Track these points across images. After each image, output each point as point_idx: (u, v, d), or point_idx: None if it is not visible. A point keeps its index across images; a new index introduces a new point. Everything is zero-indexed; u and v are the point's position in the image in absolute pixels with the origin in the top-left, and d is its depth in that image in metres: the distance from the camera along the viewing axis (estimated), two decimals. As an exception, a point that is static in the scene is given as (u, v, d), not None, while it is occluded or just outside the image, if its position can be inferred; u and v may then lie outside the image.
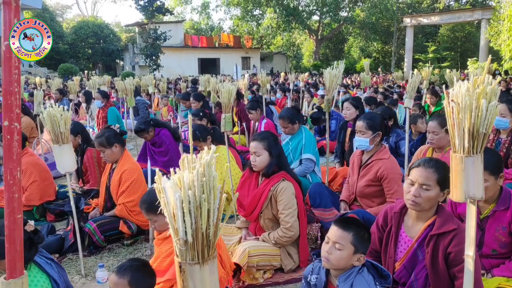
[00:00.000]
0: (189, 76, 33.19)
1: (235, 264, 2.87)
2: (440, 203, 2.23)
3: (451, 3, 43.13)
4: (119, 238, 3.74)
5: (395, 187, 3.31)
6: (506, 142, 4.19)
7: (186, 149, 6.20)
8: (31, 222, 2.23)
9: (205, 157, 1.25)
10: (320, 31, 42.08)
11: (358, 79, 25.30)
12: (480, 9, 30.47)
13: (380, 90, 14.06)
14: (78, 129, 4.55)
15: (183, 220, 1.23)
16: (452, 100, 1.63)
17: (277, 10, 39.03)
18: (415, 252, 2.23)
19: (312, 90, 14.08)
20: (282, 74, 31.08)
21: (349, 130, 4.97)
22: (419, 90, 11.50)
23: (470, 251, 1.79)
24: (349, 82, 24.35)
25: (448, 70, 25.93)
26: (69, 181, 3.14)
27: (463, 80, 1.66)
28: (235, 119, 7.21)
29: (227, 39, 42.92)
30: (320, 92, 14.11)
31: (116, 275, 2.10)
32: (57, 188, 4.61)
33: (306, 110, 10.34)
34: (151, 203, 2.47)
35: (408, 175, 2.27)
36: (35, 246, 2.25)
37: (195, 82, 13.45)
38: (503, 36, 22.55)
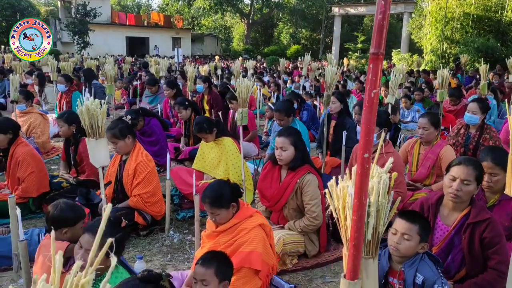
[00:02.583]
0: (118, 55, 31.91)
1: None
2: (473, 196, 2.61)
3: (374, -6, 45.40)
4: (133, 229, 3.77)
5: (400, 178, 3.69)
6: (475, 136, 4.77)
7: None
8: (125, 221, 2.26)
9: (383, 168, 1.45)
10: (251, 15, 42.35)
11: (291, 66, 25.97)
12: (402, 3, 32.45)
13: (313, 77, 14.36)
14: (73, 118, 4.42)
15: (366, 222, 1.43)
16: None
17: (209, -9, 38.68)
18: (452, 238, 2.60)
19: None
20: (217, 57, 30.99)
21: (333, 122, 5.31)
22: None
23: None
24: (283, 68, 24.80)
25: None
26: (101, 175, 3.13)
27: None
28: (206, 107, 7.27)
29: (157, 18, 41.70)
30: (265, 79, 14.37)
31: (202, 267, 2.22)
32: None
33: (260, 97, 10.55)
34: (216, 198, 2.60)
35: (448, 171, 2.62)
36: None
37: (146, 65, 13.09)
38: (425, 30, 24.22)
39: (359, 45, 30.26)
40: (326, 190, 1.54)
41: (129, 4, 51.28)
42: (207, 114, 7.28)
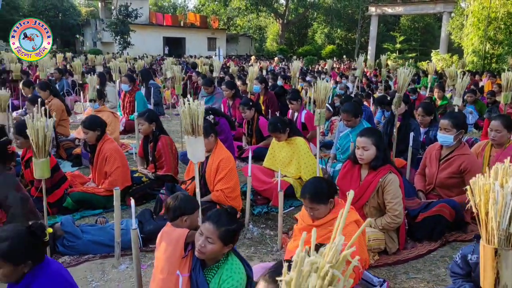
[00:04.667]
0: (158, 55, 32.61)
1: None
2: None
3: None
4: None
5: (476, 179, 3.76)
6: None
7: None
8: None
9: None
10: (286, 15, 42.45)
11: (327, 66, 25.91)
12: (442, 2, 31.83)
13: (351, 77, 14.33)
14: (153, 117, 4.68)
15: (510, 216, 1.55)
16: None
17: (246, -9, 39.02)
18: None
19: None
20: (253, 57, 31.25)
21: (398, 123, 5.39)
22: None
23: None
24: (319, 68, 24.73)
25: (411, 60, 26.69)
26: (196, 170, 3.34)
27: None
28: (262, 107, 7.44)
29: (193, 19, 42.32)
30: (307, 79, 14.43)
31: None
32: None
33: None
34: (315, 194, 2.76)
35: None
36: None
37: (194, 66, 13.45)
38: (466, 30, 23.70)
39: (398, 45, 29.84)
40: (468, 187, 1.66)
41: (165, 5, 52.27)
42: (263, 114, 7.46)
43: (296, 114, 6.33)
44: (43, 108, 2.85)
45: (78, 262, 3.40)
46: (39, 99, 5.00)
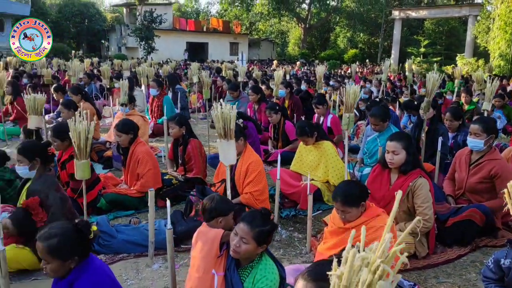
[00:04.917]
0: (182, 60, 33.02)
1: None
2: None
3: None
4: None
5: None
6: None
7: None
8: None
9: None
10: (308, 20, 42.47)
11: (350, 70, 25.77)
12: (467, 6, 31.43)
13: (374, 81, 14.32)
14: (183, 121, 4.79)
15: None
16: None
17: (268, -4, 39.24)
18: None
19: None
20: (275, 62, 31.36)
21: (426, 128, 5.37)
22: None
23: None
24: (342, 73, 24.61)
25: (436, 65, 26.46)
26: (228, 173, 3.42)
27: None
28: (287, 111, 7.50)
29: (216, 24, 42.73)
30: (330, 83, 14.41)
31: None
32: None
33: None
34: (347, 197, 2.81)
35: None
36: None
37: (219, 71, 13.61)
38: (492, 34, 23.31)
39: (422, 49, 29.49)
40: (505, 190, 1.69)
41: (188, 10, 52.97)
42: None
43: (322, 118, 6.36)
44: (84, 112, 2.97)
45: (113, 260, 3.51)
46: (81, 104, 5.16)
